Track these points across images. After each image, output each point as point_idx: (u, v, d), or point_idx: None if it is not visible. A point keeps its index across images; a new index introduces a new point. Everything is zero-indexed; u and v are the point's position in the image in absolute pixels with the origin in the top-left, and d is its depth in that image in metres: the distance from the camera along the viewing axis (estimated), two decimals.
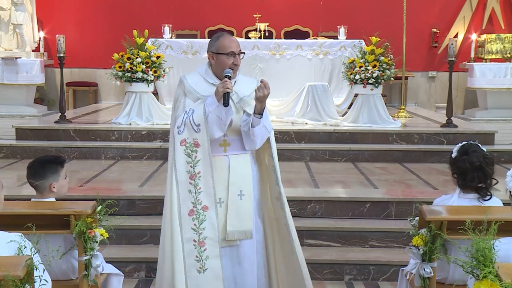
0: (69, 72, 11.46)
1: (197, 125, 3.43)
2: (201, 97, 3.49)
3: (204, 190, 3.46)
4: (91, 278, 3.45)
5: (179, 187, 3.47)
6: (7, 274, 2.30)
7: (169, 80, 8.80)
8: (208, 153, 3.45)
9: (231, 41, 3.52)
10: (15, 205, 3.46)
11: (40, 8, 11.53)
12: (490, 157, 3.49)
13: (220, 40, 3.51)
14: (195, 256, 3.45)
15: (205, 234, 3.45)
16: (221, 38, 3.52)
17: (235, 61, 3.49)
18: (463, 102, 11.86)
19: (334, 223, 5.30)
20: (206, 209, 3.46)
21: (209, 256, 3.46)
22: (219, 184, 3.51)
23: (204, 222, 3.46)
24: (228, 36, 3.57)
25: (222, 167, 3.52)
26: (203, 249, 3.46)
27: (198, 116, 3.43)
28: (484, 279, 2.46)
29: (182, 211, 3.46)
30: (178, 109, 3.52)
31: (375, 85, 8.03)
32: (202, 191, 3.46)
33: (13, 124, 8.12)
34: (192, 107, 3.46)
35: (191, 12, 11.71)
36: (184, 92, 3.52)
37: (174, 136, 3.49)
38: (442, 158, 7.06)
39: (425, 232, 3.31)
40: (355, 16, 11.28)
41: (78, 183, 5.97)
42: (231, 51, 3.48)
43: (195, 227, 3.45)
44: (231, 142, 3.55)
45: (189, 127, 3.44)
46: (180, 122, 3.46)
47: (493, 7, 11.64)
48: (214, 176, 3.47)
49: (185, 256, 3.44)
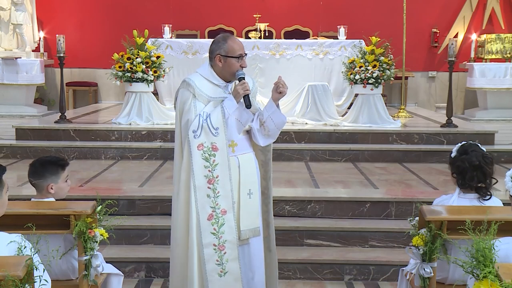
0: (69, 72, 11.45)
1: (215, 128, 3.42)
2: (210, 99, 3.49)
3: (222, 193, 3.46)
4: (91, 278, 3.45)
5: (197, 192, 3.44)
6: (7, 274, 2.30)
7: (169, 80, 8.80)
8: (226, 156, 3.46)
9: (239, 44, 3.54)
10: (15, 205, 3.45)
11: (40, 8, 11.53)
12: (490, 156, 3.50)
13: (229, 43, 3.50)
14: (215, 261, 3.46)
15: (225, 237, 3.47)
16: (229, 41, 3.51)
17: (243, 64, 3.53)
18: (463, 102, 11.86)
19: (334, 223, 5.30)
20: (224, 212, 3.47)
21: (229, 259, 3.48)
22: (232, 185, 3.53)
23: (223, 225, 3.47)
24: (234, 38, 3.58)
25: (233, 167, 3.52)
26: (223, 253, 3.47)
27: (216, 120, 3.43)
28: (484, 279, 2.46)
29: (201, 217, 3.44)
30: (189, 112, 3.46)
31: (375, 85, 8.03)
32: (220, 194, 3.46)
33: (13, 124, 8.12)
34: (206, 110, 3.44)
35: (191, 12, 11.71)
36: (194, 94, 3.48)
37: (190, 140, 3.43)
38: (442, 158, 7.07)
39: (425, 232, 3.31)
40: (355, 16, 11.28)
41: (78, 183, 5.96)
42: (240, 54, 3.51)
43: (215, 231, 3.46)
44: (238, 142, 3.56)
45: (206, 131, 3.42)
46: (196, 126, 3.42)
47: (493, 7, 11.63)
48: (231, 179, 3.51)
49: (206, 261, 3.44)
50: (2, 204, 2.78)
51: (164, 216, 5.26)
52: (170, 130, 7.67)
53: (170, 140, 7.57)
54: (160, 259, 4.84)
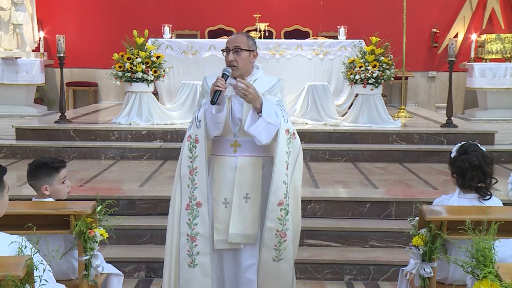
0: (69, 72, 11.45)
1: (199, 121, 3.47)
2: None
3: (199, 186, 3.48)
4: (91, 278, 3.45)
5: (182, 181, 3.52)
6: (7, 274, 2.30)
7: (169, 80, 8.80)
8: (204, 150, 3.47)
9: (230, 37, 3.55)
10: (15, 205, 3.45)
11: (40, 8, 11.53)
12: (489, 156, 3.50)
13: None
14: (187, 250, 3.50)
15: (197, 230, 3.49)
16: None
17: (228, 58, 3.48)
18: (463, 102, 11.86)
19: (334, 223, 5.30)
20: (199, 205, 3.49)
21: (200, 253, 3.49)
22: (224, 184, 3.52)
23: (197, 218, 3.49)
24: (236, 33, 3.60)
25: (229, 167, 3.51)
26: (194, 245, 3.50)
27: (201, 113, 3.47)
28: (484, 279, 2.46)
29: (182, 205, 3.52)
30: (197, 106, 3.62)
31: (375, 85, 8.03)
32: (197, 187, 3.48)
33: (13, 124, 8.12)
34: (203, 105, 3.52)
35: (191, 12, 11.71)
36: (202, 92, 3.58)
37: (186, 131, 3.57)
38: (442, 158, 7.07)
39: (425, 232, 3.31)
40: (355, 16, 11.28)
41: (78, 183, 5.96)
42: (223, 49, 3.51)
43: (189, 222, 3.50)
44: (242, 143, 3.52)
45: (194, 124, 3.49)
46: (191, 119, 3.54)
47: (493, 7, 11.63)
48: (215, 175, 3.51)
49: (180, 248, 3.51)
50: (3, 205, 2.78)
51: (164, 216, 5.21)
52: (170, 130, 7.68)
53: (170, 140, 7.58)
54: (160, 259, 4.80)
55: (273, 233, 3.47)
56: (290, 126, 3.51)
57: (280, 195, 3.45)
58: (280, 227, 3.46)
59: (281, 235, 3.47)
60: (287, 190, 3.47)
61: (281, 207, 3.45)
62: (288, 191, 3.48)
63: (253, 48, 3.54)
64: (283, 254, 3.49)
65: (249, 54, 3.54)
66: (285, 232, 3.47)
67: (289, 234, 3.49)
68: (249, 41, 3.53)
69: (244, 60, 3.51)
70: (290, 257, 3.52)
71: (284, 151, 3.47)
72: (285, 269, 3.52)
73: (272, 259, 3.49)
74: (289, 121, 3.54)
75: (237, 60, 3.48)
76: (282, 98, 3.60)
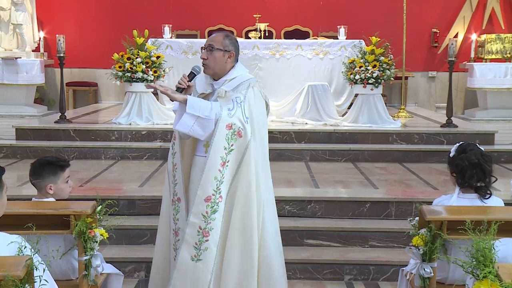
0: (69, 72, 11.45)
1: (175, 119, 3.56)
2: (195, 93, 3.58)
3: (178, 182, 3.57)
4: (91, 278, 3.45)
5: (169, 176, 3.65)
6: (7, 274, 2.30)
7: (169, 80, 8.80)
8: (178, 146, 3.58)
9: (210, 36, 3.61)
10: (15, 205, 3.45)
11: (40, 8, 11.53)
12: (488, 154, 3.50)
13: None
14: (172, 245, 3.62)
15: (179, 225, 3.57)
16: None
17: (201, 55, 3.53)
18: (463, 102, 11.86)
19: (334, 223, 5.29)
20: (179, 200, 3.58)
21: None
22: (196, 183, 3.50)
23: (178, 213, 3.58)
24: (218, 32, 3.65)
25: (201, 167, 3.48)
26: (177, 239, 3.57)
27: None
28: (484, 279, 2.46)
29: (170, 200, 3.65)
30: None
31: (375, 85, 8.03)
32: (177, 182, 3.58)
33: (13, 124, 8.12)
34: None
35: (191, 12, 11.71)
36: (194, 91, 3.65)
37: None
38: (442, 158, 7.06)
39: (425, 232, 3.31)
40: (355, 16, 11.28)
41: (78, 183, 5.96)
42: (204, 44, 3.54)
43: (174, 217, 3.61)
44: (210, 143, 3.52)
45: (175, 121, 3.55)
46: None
47: (493, 7, 11.63)
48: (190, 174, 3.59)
49: (170, 242, 3.65)
50: (2, 205, 2.78)
51: None
52: (170, 130, 7.67)
53: (170, 140, 7.51)
54: None
55: (195, 230, 3.41)
56: (234, 122, 3.39)
57: (208, 191, 3.39)
58: (204, 225, 3.40)
59: (204, 234, 3.40)
60: (217, 187, 3.39)
61: (208, 203, 3.39)
62: (222, 189, 3.40)
63: (228, 48, 3.50)
64: (203, 255, 3.41)
65: (223, 54, 3.49)
66: (208, 232, 3.39)
67: (214, 235, 3.40)
68: (226, 41, 3.50)
69: (216, 59, 3.49)
70: (210, 259, 3.41)
71: (221, 145, 3.39)
72: (203, 271, 3.41)
73: (191, 258, 3.42)
74: (238, 118, 3.40)
75: (209, 58, 3.49)
76: (246, 95, 3.47)
